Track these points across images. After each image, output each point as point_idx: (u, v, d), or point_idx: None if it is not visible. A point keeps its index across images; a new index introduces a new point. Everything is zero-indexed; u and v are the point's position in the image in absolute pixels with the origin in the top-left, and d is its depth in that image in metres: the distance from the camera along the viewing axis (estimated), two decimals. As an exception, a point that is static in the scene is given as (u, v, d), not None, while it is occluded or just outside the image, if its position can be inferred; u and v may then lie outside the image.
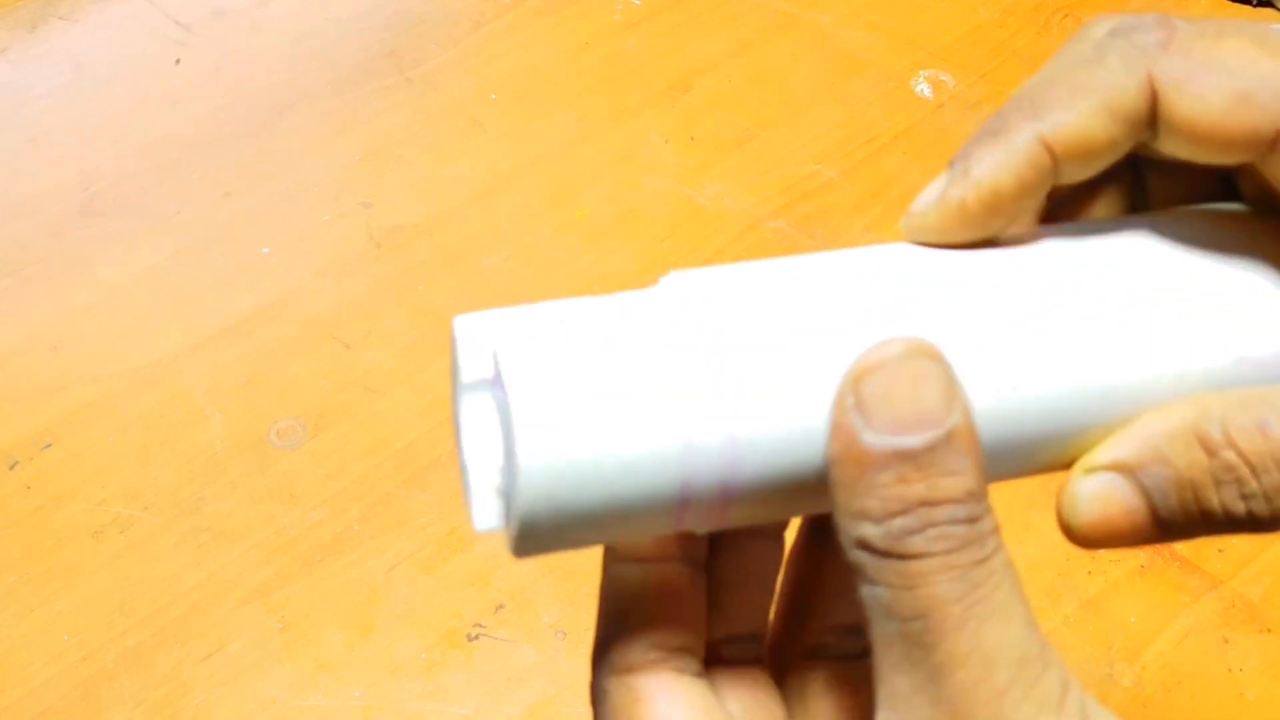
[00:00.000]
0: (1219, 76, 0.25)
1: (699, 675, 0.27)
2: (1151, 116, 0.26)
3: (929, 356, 0.23)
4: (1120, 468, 0.25)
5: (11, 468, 0.60)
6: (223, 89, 0.78)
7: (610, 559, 0.27)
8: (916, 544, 0.23)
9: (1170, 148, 0.26)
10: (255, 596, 0.55)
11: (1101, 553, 0.56)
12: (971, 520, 0.23)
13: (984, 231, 0.27)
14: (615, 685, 0.26)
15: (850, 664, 0.29)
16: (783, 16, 0.82)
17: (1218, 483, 0.24)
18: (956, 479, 0.23)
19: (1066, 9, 0.82)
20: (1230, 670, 0.53)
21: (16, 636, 0.54)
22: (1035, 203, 0.27)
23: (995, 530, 0.23)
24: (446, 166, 0.73)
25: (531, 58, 0.80)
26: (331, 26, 0.82)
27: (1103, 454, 0.26)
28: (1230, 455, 0.24)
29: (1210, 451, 0.24)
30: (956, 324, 0.25)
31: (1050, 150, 0.26)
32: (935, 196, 0.27)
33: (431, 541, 0.57)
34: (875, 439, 0.23)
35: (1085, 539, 0.26)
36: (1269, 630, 0.54)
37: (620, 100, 0.77)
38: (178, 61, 0.79)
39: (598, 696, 0.27)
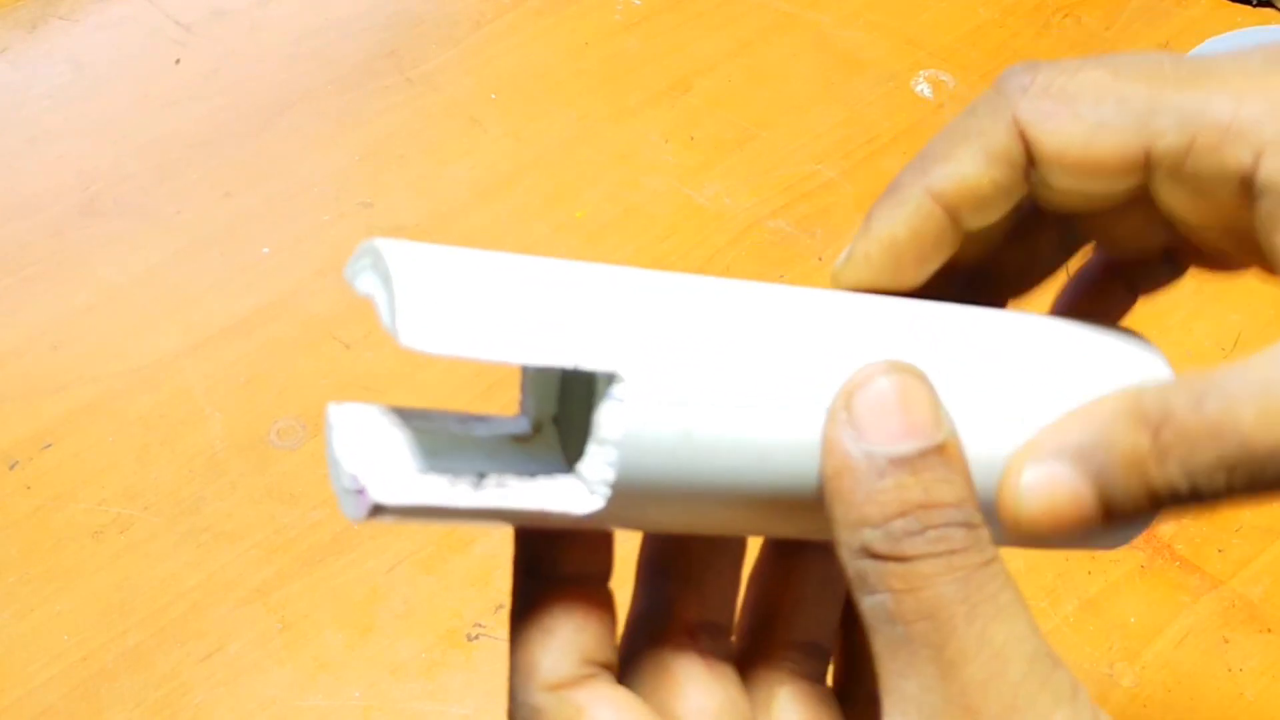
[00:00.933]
0: (1076, 108, 0.27)
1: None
2: (1029, 157, 0.27)
3: (914, 374, 0.24)
4: (1066, 453, 0.25)
5: (11, 468, 0.60)
6: (223, 89, 0.78)
7: (525, 573, 0.27)
8: (918, 545, 0.23)
9: (1058, 183, 0.28)
10: (255, 596, 0.55)
11: (1101, 553, 0.56)
12: (969, 525, 0.23)
13: (897, 279, 0.29)
14: (552, 702, 0.25)
15: (812, 684, 0.29)
16: (782, 16, 0.82)
17: (1162, 460, 0.25)
18: (950, 485, 0.23)
19: (1066, 9, 0.82)
20: (1230, 670, 0.53)
21: (16, 636, 0.54)
22: (940, 250, 0.29)
23: (993, 541, 0.24)
24: (446, 166, 0.73)
25: (531, 58, 0.80)
26: (331, 26, 0.82)
27: (1047, 440, 0.26)
28: (1170, 433, 0.24)
29: (1153, 430, 0.25)
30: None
31: (938, 200, 0.28)
32: (848, 253, 0.29)
33: (431, 541, 0.57)
34: (870, 448, 0.24)
35: (1034, 531, 0.26)
36: (1269, 630, 0.54)
37: (620, 100, 0.77)
38: (178, 61, 0.79)
39: (526, 715, 0.26)
